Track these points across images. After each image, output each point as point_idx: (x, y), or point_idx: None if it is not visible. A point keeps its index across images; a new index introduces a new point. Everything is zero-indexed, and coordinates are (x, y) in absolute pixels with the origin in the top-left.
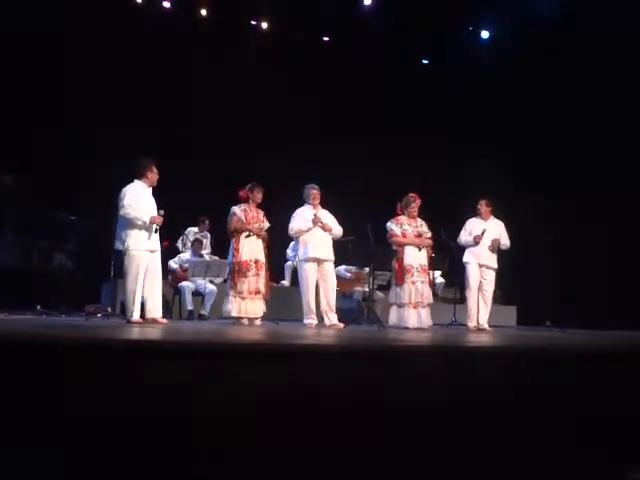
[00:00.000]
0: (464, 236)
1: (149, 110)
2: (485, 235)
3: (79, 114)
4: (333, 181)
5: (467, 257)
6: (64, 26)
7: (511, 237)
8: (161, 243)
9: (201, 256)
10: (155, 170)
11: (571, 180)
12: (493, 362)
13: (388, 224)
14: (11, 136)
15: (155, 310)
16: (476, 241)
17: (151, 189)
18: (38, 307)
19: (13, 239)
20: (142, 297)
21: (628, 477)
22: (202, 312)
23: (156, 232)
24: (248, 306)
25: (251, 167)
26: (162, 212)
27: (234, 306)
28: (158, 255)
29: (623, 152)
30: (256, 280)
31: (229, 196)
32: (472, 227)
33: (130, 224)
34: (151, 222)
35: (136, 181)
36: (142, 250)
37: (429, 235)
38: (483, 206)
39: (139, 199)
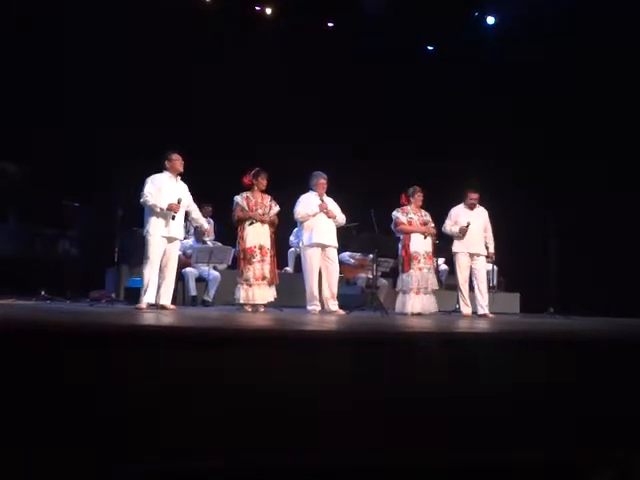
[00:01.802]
0: (450, 225)
1: (150, 97)
2: (472, 223)
3: (81, 101)
4: (335, 169)
5: (457, 246)
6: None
7: (513, 225)
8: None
9: (204, 242)
10: (174, 158)
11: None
12: (494, 348)
13: (394, 213)
14: (13, 125)
15: (166, 297)
16: (462, 233)
17: (178, 178)
18: (42, 293)
19: (17, 226)
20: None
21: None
22: (205, 298)
23: (173, 219)
24: (256, 293)
25: (254, 154)
26: (180, 198)
27: (241, 293)
28: (176, 244)
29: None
30: (261, 266)
31: (233, 183)
32: (458, 217)
33: (150, 211)
34: (167, 209)
35: (165, 171)
36: (158, 236)
37: (433, 225)
38: (473, 199)
39: (160, 188)
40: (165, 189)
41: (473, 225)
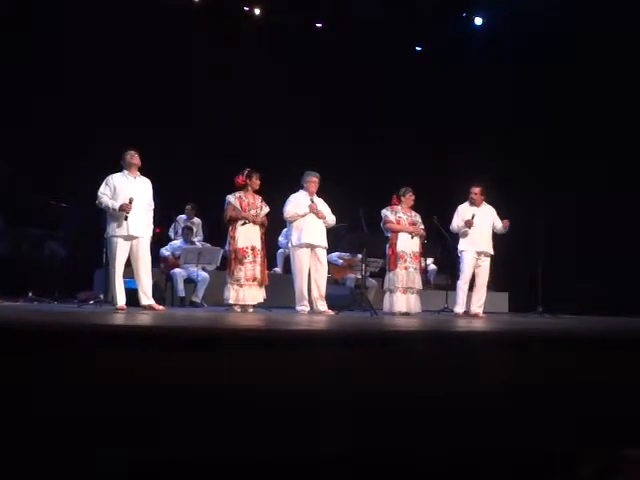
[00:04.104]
0: (457, 223)
1: (142, 94)
2: (479, 220)
3: (74, 100)
4: (326, 168)
5: (463, 245)
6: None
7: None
8: (153, 230)
9: (192, 243)
10: (126, 154)
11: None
12: (485, 347)
13: (383, 211)
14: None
15: (147, 297)
16: (467, 226)
17: (137, 175)
18: (30, 294)
19: (4, 227)
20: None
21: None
22: (194, 299)
23: (125, 219)
24: (246, 293)
25: (245, 154)
26: (132, 198)
27: (232, 294)
28: (142, 242)
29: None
30: (253, 267)
31: (224, 183)
32: (464, 214)
33: (107, 212)
34: (120, 209)
35: (124, 170)
36: (117, 237)
37: (422, 227)
38: (478, 194)
39: (114, 187)
40: (120, 188)
41: (480, 223)
